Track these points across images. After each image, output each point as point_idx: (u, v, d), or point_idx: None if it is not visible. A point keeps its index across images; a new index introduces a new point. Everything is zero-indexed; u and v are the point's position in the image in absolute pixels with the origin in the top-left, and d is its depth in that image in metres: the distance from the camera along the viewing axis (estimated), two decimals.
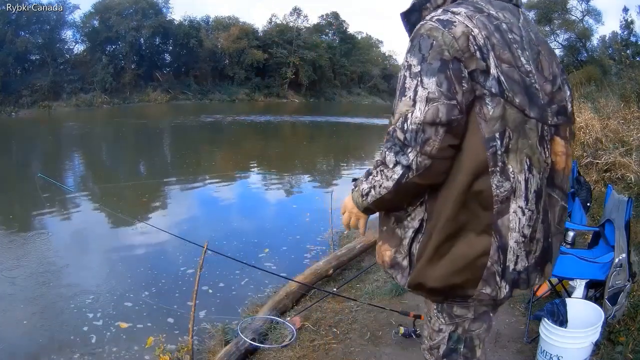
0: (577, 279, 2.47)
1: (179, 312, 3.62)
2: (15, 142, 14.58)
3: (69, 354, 3.10)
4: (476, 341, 1.24)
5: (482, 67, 1.00)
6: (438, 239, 1.08)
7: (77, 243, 5.37)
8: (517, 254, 1.08)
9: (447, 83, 0.99)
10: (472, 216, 1.05)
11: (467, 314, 1.19)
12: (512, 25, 1.07)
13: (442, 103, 0.99)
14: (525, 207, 1.06)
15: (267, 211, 7.09)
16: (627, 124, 6.09)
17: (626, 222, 2.28)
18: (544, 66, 1.10)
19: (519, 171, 1.04)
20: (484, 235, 1.06)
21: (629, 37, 20.29)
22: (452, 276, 1.09)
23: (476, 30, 1.01)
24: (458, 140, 1.03)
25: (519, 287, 1.12)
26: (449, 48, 0.99)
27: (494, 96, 1.01)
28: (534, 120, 1.05)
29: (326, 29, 49.32)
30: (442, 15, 1.03)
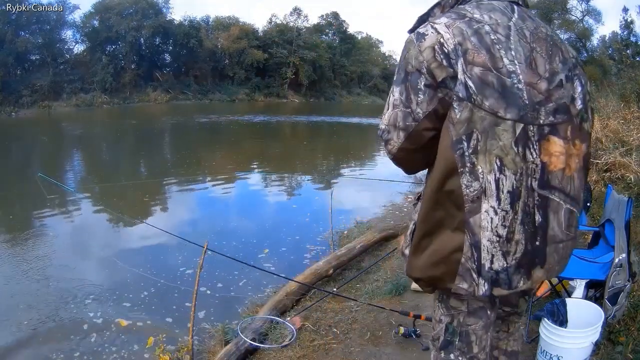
0: (577, 279, 2.47)
1: (177, 313, 3.62)
2: (15, 142, 14.58)
3: (69, 353, 3.09)
4: (472, 337, 1.26)
5: (450, 73, 1.05)
6: (420, 233, 1.18)
7: (76, 242, 5.37)
8: (491, 252, 1.10)
9: (405, 93, 1.10)
10: (447, 214, 1.12)
11: (461, 306, 1.24)
12: (497, 26, 1.08)
13: (401, 110, 1.11)
14: (498, 207, 1.08)
15: (267, 211, 7.08)
16: (627, 124, 6.09)
17: (626, 222, 2.28)
18: (538, 63, 1.09)
19: (489, 171, 1.06)
20: (457, 232, 1.11)
21: (629, 37, 20.28)
22: (430, 269, 1.16)
23: (447, 37, 1.05)
24: (416, 145, 1.14)
25: (500, 286, 1.13)
26: (412, 61, 1.08)
27: (461, 100, 1.04)
28: (510, 122, 1.05)
29: (326, 29, 49.33)
30: (422, 29, 1.10)
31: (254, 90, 39.75)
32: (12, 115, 23.40)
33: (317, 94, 45.16)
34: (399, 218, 5.79)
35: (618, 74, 13.20)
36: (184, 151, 13.24)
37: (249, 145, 15.18)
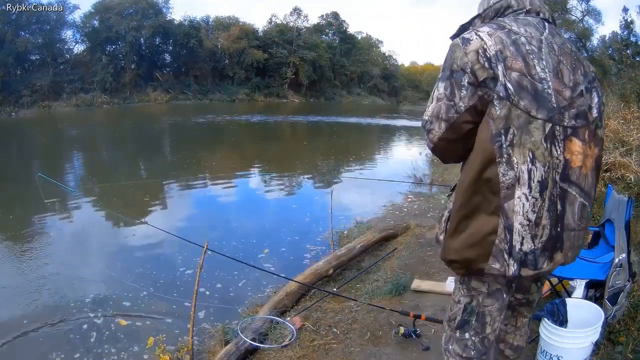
0: (577, 279, 2.47)
1: (177, 313, 3.62)
2: (15, 142, 14.58)
3: (70, 354, 3.09)
4: (487, 318, 1.41)
5: (490, 75, 1.20)
6: (457, 217, 1.31)
7: (76, 242, 5.37)
8: (522, 235, 1.24)
9: (450, 88, 1.25)
10: (484, 199, 1.25)
11: (481, 287, 1.39)
12: (531, 38, 1.25)
13: (444, 103, 1.27)
14: (529, 194, 1.22)
15: (267, 211, 7.08)
16: (627, 124, 6.09)
17: (626, 222, 2.28)
18: (563, 74, 1.25)
19: (522, 162, 1.21)
20: (493, 216, 1.25)
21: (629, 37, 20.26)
22: (466, 250, 1.29)
23: (490, 44, 1.21)
24: (456, 136, 1.28)
25: (527, 267, 1.26)
26: (458, 61, 1.24)
27: (501, 99, 1.20)
28: (541, 121, 1.20)
29: (326, 29, 49.34)
30: (466, 35, 1.27)
31: (254, 90, 39.75)
32: (12, 115, 23.40)
33: (317, 94, 45.16)
34: (399, 218, 5.79)
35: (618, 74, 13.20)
36: (184, 151, 13.24)
37: (249, 145, 15.19)
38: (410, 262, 3.96)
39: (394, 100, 53.36)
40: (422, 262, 3.93)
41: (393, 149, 16.14)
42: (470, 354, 1.45)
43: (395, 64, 58.34)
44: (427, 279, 3.54)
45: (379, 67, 53.71)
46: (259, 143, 15.92)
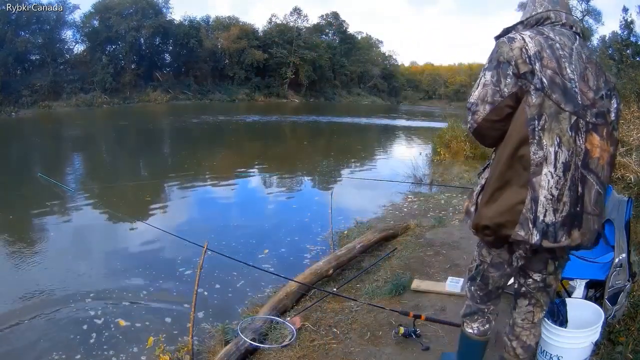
0: (577, 279, 2.47)
1: (176, 313, 3.62)
2: (15, 142, 14.58)
3: (70, 354, 3.10)
4: (489, 280, 1.75)
5: (529, 69, 1.45)
6: (492, 188, 1.52)
7: (76, 242, 5.37)
8: (545, 207, 1.44)
9: (497, 76, 1.50)
10: (516, 174, 1.47)
11: (487, 257, 1.72)
12: (564, 46, 1.51)
13: (491, 88, 1.51)
14: (554, 173, 1.43)
15: (267, 211, 7.08)
16: (627, 124, 6.09)
17: (626, 222, 2.28)
18: (589, 78, 1.50)
19: (550, 145, 1.43)
20: (522, 189, 1.45)
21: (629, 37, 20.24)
22: (498, 216, 1.50)
23: (530, 45, 1.48)
24: (498, 118, 1.52)
25: (548, 238, 1.46)
26: (505, 55, 1.49)
27: (537, 90, 1.44)
28: (568, 113, 1.44)
29: (326, 29, 49.37)
30: (512, 35, 1.55)
31: (254, 90, 39.75)
32: (12, 115, 23.38)
33: (317, 94, 45.18)
34: (399, 218, 5.79)
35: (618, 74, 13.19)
36: (184, 151, 13.23)
37: (249, 145, 15.19)
38: (410, 262, 3.96)
39: (393, 100, 53.39)
40: (422, 262, 3.93)
41: (393, 149, 16.15)
42: (476, 300, 1.84)
43: (395, 64, 58.43)
44: (427, 279, 3.54)
45: (378, 67, 53.76)
46: (259, 143, 15.93)
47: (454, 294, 3.19)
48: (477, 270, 1.78)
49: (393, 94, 55.07)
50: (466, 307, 1.89)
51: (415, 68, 63.49)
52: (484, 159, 9.03)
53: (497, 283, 1.75)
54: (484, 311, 1.84)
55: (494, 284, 1.75)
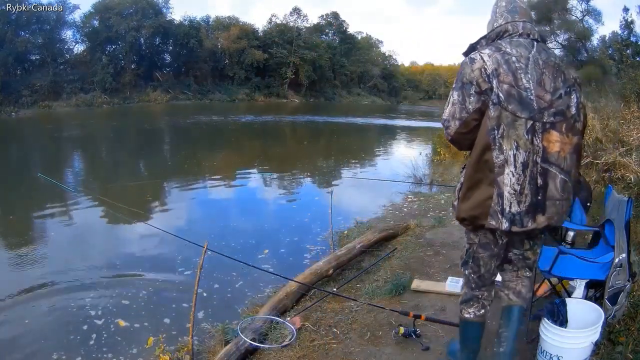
0: (577, 279, 2.47)
1: (176, 313, 3.63)
2: (15, 142, 14.58)
3: (70, 355, 3.10)
4: (480, 262, 1.94)
5: (489, 87, 1.68)
6: (465, 188, 1.81)
7: (76, 242, 5.37)
8: (510, 200, 1.70)
9: (462, 96, 1.74)
10: (483, 175, 1.73)
11: (475, 239, 1.91)
12: (520, 57, 1.71)
13: (458, 106, 1.75)
14: (515, 172, 1.68)
15: (267, 211, 7.08)
16: (627, 124, 6.08)
17: (626, 222, 2.28)
18: (545, 82, 1.70)
19: (509, 149, 1.68)
20: (489, 187, 1.72)
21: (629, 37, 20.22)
22: (472, 210, 1.78)
23: (489, 64, 1.69)
24: (466, 130, 1.76)
25: (515, 224, 1.72)
26: (467, 76, 1.72)
27: (494, 104, 1.68)
28: (524, 119, 1.67)
29: (326, 29, 49.32)
30: (472, 55, 1.75)
31: (254, 90, 39.72)
32: (12, 115, 23.36)
33: (317, 94, 45.14)
34: (399, 218, 5.79)
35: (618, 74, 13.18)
36: (184, 151, 13.24)
37: (249, 145, 15.19)
38: (410, 262, 3.96)
39: (393, 100, 53.34)
40: (422, 262, 3.93)
41: (393, 149, 16.15)
42: (471, 285, 2.01)
43: (395, 64, 58.37)
44: (427, 279, 3.54)
45: (378, 67, 53.70)
46: (259, 143, 15.93)
47: (454, 294, 3.19)
48: (468, 254, 1.97)
49: (393, 94, 55.01)
50: (463, 295, 2.07)
51: (415, 68, 63.47)
52: None
53: (487, 265, 1.94)
54: (479, 297, 2.01)
55: (485, 266, 1.94)
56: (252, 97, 38.86)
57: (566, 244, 3.22)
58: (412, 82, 59.45)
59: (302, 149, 14.94)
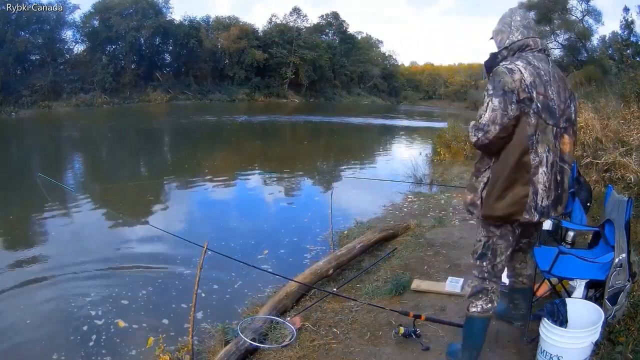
0: (577, 279, 2.47)
1: (176, 313, 3.63)
2: (15, 142, 14.58)
3: (70, 354, 3.10)
4: (497, 252, 2.11)
5: (528, 97, 1.89)
6: (500, 188, 1.97)
7: (76, 242, 5.37)
8: (542, 196, 1.96)
9: (504, 103, 1.89)
10: (520, 176, 1.94)
11: (496, 231, 2.08)
12: (546, 72, 1.95)
13: (499, 112, 1.90)
14: (546, 171, 1.95)
15: (267, 211, 7.08)
16: (627, 124, 6.07)
17: (626, 222, 2.28)
18: (560, 94, 1.98)
19: (543, 152, 1.93)
20: (525, 186, 1.94)
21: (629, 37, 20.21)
22: (509, 208, 1.97)
23: (526, 75, 1.89)
24: (506, 134, 1.92)
25: (543, 216, 2.01)
26: (509, 85, 1.89)
27: (534, 113, 1.90)
28: (551, 126, 1.94)
29: (326, 29, 49.31)
30: (509, 65, 1.93)
31: (254, 90, 39.71)
32: (12, 115, 23.36)
33: (317, 94, 45.13)
34: (399, 218, 5.79)
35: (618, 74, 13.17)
36: (184, 151, 13.24)
37: (249, 145, 15.19)
38: (410, 262, 3.96)
39: (393, 100, 53.34)
40: (422, 262, 3.93)
41: (393, 149, 16.15)
42: (484, 275, 2.14)
43: (395, 64, 58.35)
44: (427, 279, 3.54)
45: (378, 67, 53.68)
46: (259, 143, 15.93)
47: (454, 294, 3.19)
48: (486, 246, 2.11)
49: (393, 94, 54.99)
50: (472, 289, 2.17)
51: (415, 68, 63.41)
52: None
53: (502, 255, 2.11)
54: (488, 290, 2.13)
55: (500, 256, 2.11)
56: (252, 97, 38.85)
57: (566, 244, 3.22)
58: (412, 82, 59.42)
59: (302, 149, 14.93)
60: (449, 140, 10.03)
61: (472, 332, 2.19)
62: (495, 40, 2.12)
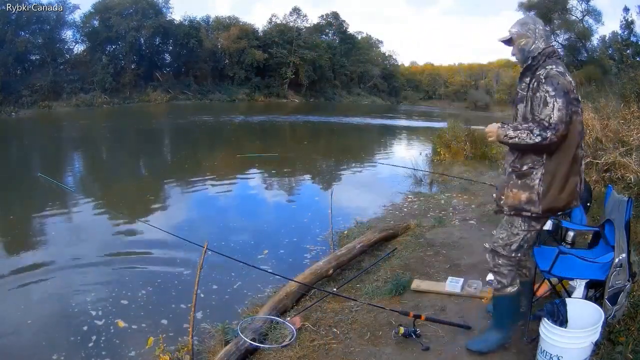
0: (577, 279, 2.47)
1: (176, 313, 3.62)
2: (15, 142, 14.58)
3: (70, 355, 3.09)
4: (532, 242, 2.35)
5: (575, 97, 2.11)
6: (561, 182, 2.16)
7: (76, 242, 5.36)
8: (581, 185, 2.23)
9: (566, 103, 2.04)
10: (573, 168, 2.17)
11: (537, 226, 2.28)
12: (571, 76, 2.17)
13: (564, 112, 2.03)
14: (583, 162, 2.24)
15: (267, 211, 7.08)
16: (627, 124, 6.07)
17: (626, 222, 2.28)
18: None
19: (584, 145, 2.22)
20: (576, 176, 2.20)
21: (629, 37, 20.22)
22: (568, 197, 2.19)
23: (570, 78, 2.11)
24: (567, 132, 2.06)
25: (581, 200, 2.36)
26: (567, 86, 2.06)
27: (580, 111, 2.17)
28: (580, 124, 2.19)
29: (326, 29, 49.31)
30: (558, 68, 2.11)
31: (254, 90, 39.71)
32: (12, 115, 23.37)
33: (317, 94, 45.13)
34: (399, 218, 5.78)
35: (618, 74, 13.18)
36: (184, 151, 13.24)
37: (249, 145, 15.17)
38: (410, 262, 3.96)
39: (393, 100, 53.31)
40: (422, 262, 3.93)
41: (393, 148, 16.14)
42: (517, 266, 2.38)
43: (395, 64, 58.33)
44: (427, 279, 3.54)
45: (378, 67, 53.67)
46: (258, 143, 15.92)
47: (454, 294, 3.19)
48: (524, 239, 2.28)
49: (393, 94, 54.98)
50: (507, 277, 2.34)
51: (415, 68, 63.36)
52: (484, 159, 9.06)
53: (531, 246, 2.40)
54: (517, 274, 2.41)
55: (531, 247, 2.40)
56: (252, 97, 38.85)
57: (566, 244, 3.22)
58: (412, 82, 59.39)
59: (303, 148, 14.93)
60: (449, 140, 10.02)
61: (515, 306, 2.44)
62: (515, 43, 2.22)
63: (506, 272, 2.33)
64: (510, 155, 2.26)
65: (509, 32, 2.25)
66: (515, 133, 2.09)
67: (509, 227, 2.28)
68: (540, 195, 2.14)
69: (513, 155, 2.23)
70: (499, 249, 2.32)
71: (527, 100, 2.15)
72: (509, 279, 2.34)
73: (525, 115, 2.16)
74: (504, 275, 2.33)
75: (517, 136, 2.08)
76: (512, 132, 2.10)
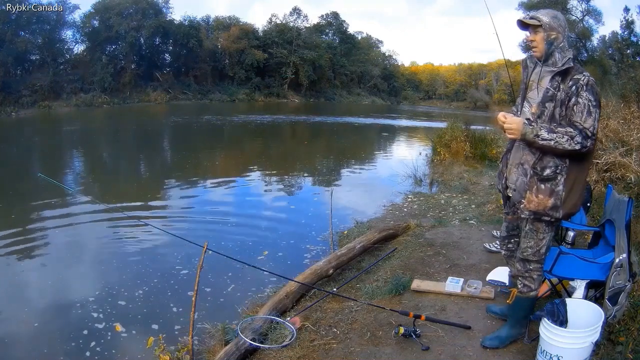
0: (577, 279, 2.47)
1: (176, 313, 3.62)
2: (15, 142, 14.57)
3: (70, 355, 3.09)
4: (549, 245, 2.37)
5: None
6: (581, 187, 2.18)
7: (76, 242, 5.36)
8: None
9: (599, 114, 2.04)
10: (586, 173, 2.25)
11: (553, 228, 2.30)
12: None
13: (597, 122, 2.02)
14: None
15: (267, 211, 7.07)
16: (627, 124, 6.07)
17: (626, 222, 2.28)
18: None
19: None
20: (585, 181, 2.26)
21: (629, 37, 20.22)
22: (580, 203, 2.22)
23: None
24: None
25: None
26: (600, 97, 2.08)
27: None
28: None
29: (326, 29, 49.32)
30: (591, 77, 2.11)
31: (254, 90, 39.72)
32: (12, 115, 23.36)
33: (317, 94, 45.14)
34: (399, 218, 5.78)
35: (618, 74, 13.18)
36: (184, 151, 13.23)
37: (249, 146, 15.18)
38: (410, 262, 3.96)
39: (393, 100, 53.33)
40: (422, 262, 3.93)
41: (393, 148, 16.14)
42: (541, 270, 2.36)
43: (395, 64, 58.35)
44: (427, 279, 3.54)
45: (378, 67, 53.68)
46: (258, 143, 15.92)
47: (454, 294, 3.19)
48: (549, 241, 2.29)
49: (393, 94, 54.99)
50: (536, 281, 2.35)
51: (415, 68, 63.37)
52: (484, 160, 9.05)
53: None
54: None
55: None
56: (252, 97, 38.86)
57: (566, 244, 3.22)
58: (412, 82, 59.41)
59: (303, 148, 14.93)
60: (448, 141, 10.02)
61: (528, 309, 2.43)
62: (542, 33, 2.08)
63: (536, 276, 2.34)
64: (531, 155, 2.14)
65: (539, 19, 2.07)
66: (550, 135, 1.99)
67: (535, 234, 2.25)
68: (562, 200, 2.13)
69: (534, 156, 2.12)
70: (529, 257, 2.30)
71: (558, 101, 2.06)
72: (537, 283, 2.36)
73: (553, 115, 2.06)
74: (534, 280, 2.34)
75: (554, 139, 1.98)
76: (547, 133, 1.99)
